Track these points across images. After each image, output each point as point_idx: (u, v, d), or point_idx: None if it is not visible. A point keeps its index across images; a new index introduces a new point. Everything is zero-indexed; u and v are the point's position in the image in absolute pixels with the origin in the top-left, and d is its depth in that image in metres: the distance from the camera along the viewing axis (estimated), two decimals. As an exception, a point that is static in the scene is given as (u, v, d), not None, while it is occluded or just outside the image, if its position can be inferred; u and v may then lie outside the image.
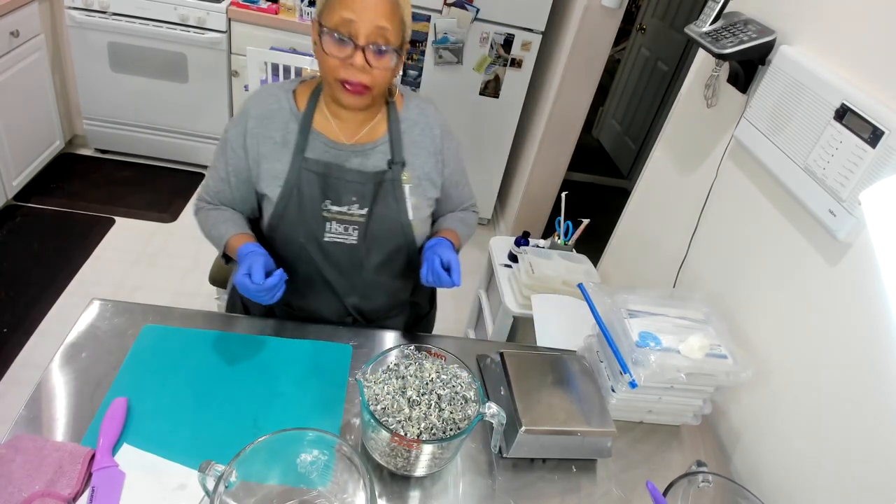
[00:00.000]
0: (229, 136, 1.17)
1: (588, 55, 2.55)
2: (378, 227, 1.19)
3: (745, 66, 1.30)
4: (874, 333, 0.93)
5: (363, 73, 1.03)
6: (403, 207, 1.19)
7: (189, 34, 2.70)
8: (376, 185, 1.16)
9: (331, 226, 1.17)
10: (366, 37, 1.00)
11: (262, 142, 1.15)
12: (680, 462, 1.13)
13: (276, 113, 1.15)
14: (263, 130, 1.15)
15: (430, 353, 1.04)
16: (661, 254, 1.62)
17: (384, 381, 0.98)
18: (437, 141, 1.22)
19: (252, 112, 1.15)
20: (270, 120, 1.15)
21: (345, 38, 1.00)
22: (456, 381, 1.00)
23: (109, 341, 1.10)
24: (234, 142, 1.16)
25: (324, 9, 1.02)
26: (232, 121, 1.18)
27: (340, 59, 1.02)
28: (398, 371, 1.00)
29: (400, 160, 1.18)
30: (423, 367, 1.01)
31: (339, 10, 0.99)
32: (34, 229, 2.57)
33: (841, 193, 0.98)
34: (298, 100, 1.17)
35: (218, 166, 1.20)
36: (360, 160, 1.17)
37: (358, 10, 0.98)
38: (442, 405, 0.96)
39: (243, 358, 1.13)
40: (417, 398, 0.96)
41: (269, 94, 1.17)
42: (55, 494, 0.83)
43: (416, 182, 1.21)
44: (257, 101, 1.16)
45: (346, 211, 1.16)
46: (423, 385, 0.98)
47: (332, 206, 1.16)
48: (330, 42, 1.01)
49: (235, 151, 1.16)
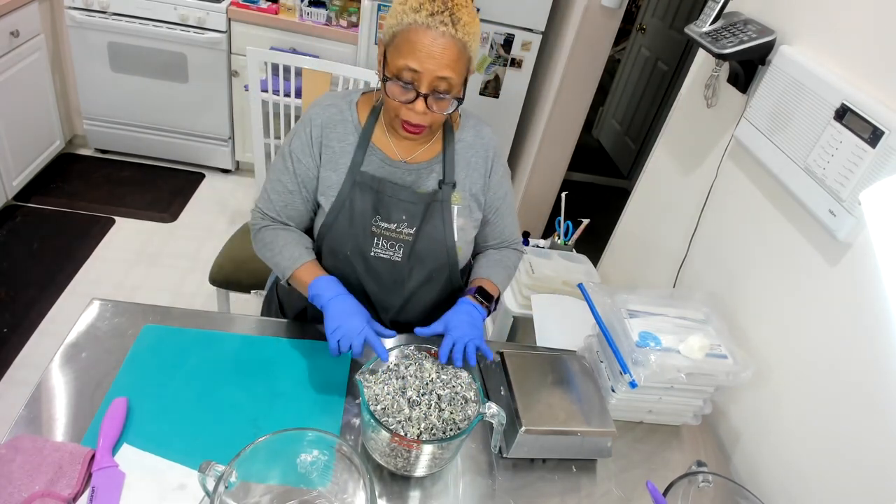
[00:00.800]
0: (293, 148, 1.15)
1: (588, 55, 2.55)
2: (423, 246, 1.18)
3: (745, 66, 1.30)
4: (874, 333, 0.93)
5: (423, 116, 1.03)
6: (450, 229, 1.19)
7: (189, 34, 2.70)
8: (426, 206, 1.16)
9: (378, 241, 1.17)
10: (428, 85, 1.00)
11: (325, 150, 1.15)
12: (680, 462, 1.13)
13: (339, 123, 1.15)
14: (326, 140, 1.14)
15: (430, 354, 1.04)
16: (661, 254, 1.62)
17: (384, 381, 0.98)
18: (488, 163, 1.22)
19: (316, 121, 1.14)
20: (332, 129, 1.14)
21: (408, 85, 1.00)
22: (456, 381, 1.00)
23: (109, 341, 1.10)
24: (301, 152, 1.15)
25: (391, 46, 1.01)
26: (294, 132, 1.17)
27: (402, 101, 1.03)
28: (398, 371, 1.00)
29: (451, 181, 1.18)
30: (423, 368, 1.01)
31: (406, 58, 0.98)
32: (34, 229, 2.57)
33: (841, 193, 0.98)
34: (360, 112, 1.16)
35: (283, 180, 1.17)
36: (414, 179, 1.17)
37: (423, 59, 0.98)
38: (442, 405, 0.96)
39: (243, 358, 1.13)
40: (417, 398, 0.96)
41: (332, 104, 1.16)
42: (55, 495, 0.83)
43: (465, 204, 1.21)
44: (320, 111, 1.15)
45: (394, 228, 1.17)
46: (423, 385, 0.98)
47: (382, 222, 1.16)
48: (393, 86, 1.02)
49: (304, 162, 1.15)
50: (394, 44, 1.00)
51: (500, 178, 1.25)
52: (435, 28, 0.96)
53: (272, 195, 1.19)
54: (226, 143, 3.09)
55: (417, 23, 0.97)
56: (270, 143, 2.11)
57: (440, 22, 0.96)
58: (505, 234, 1.32)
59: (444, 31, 0.97)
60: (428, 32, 0.97)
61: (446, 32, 0.97)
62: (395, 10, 1.00)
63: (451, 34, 0.97)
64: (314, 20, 2.72)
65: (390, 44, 1.01)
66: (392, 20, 1.00)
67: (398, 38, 0.99)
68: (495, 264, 1.28)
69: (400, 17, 0.98)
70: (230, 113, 2.99)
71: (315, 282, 1.09)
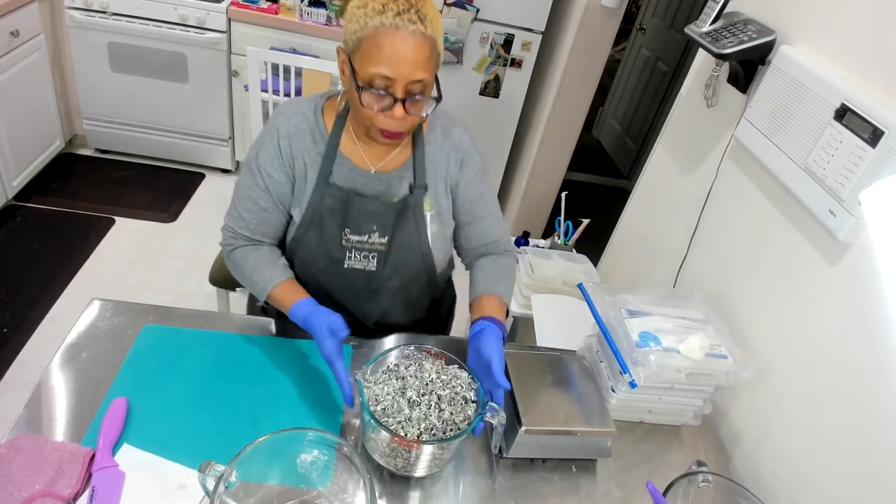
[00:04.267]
0: (262, 162, 1.10)
1: (588, 55, 2.55)
2: (397, 254, 1.16)
3: (745, 66, 1.30)
4: (874, 333, 0.93)
5: (402, 122, 0.99)
6: (424, 235, 1.16)
7: (189, 34, 2.70)
8: (397, 213, 1.13)
9: (350, 254, 1.14)
10: (403, 90, 0.95)
11: (295, 162, 1.10)
12: (680, 462, 1.13)
13: (306, 133, 1.10)
14: (295, 151, 1.10)
15: (430, 354, 1.04)
16: (661, 254, 1.62)
17: (384, 381, 0.98)
18: (458, 164, 1.17)
19: (282, 131, 1.09)
20: (300, 140, 1.10)
21: (382, 92, 0.96)
22: (456, 381, 1.00)
23: (109, 341, 1.10)
24: (271, 166, 1.10)
25: (356, 53, 0.95)
26: (258, 144, 1.11)
27: (378, 110, 0.98)
28: (398, 372, 1.00)
29: (422, 185, 1.14)
30: (422, 368, 1.01)
31: (377, 65, 0.93)
32: (34, 229, 2.57)
33: (841, 193, 0.98)
34: (326, 118, 1.11)
35: (255, 196, 1.11)
36: (385, 188, 1.13)
37: (396, 64, 0.92)
38: (442, 406, 0.96)
39: (243, 358, 1.12)
40: (417, 399, 0.96)
41: (297, 112, 1.11)
42: (55, 494, 0.83)
43: (437, 210, 1.17)
44: (285, 120, 1.10)
45: (365, 240, 1.14)
46: (423, 386, 0.98)
47: (352, 235, 1.13)
48: (367, 96, 0.97)
49: (275, 177, 1.10)
50: (360, 50, 0.94)
51: (472, 177, 1.19)
52: (404, 28, 0.91)
53: (243, 213, 1.13)
54: (226, 143, 3.09)
55: (385, 25, 0.91)
56: (270, 143, 2.11)
57: (408, 21, 0.91)
58: (490, 236, 1.24)
59: (414, 30, 0.92)
60: (397, 34, 0.91)
61: (416, 31, 0.92)
62: (355, 14, 0.94)
63: (421, 32, 0.92)
64: (314, 20, 2.72)
65: (356, 51, 0.95)
66: (353, 25, 0.94)
67: (365, 44, 0.93)
68: (497, 276, 1.21)
69: (363, 21, 0.92)
70: (230, 113, 2.99)
71: (292, 309, 1.06)
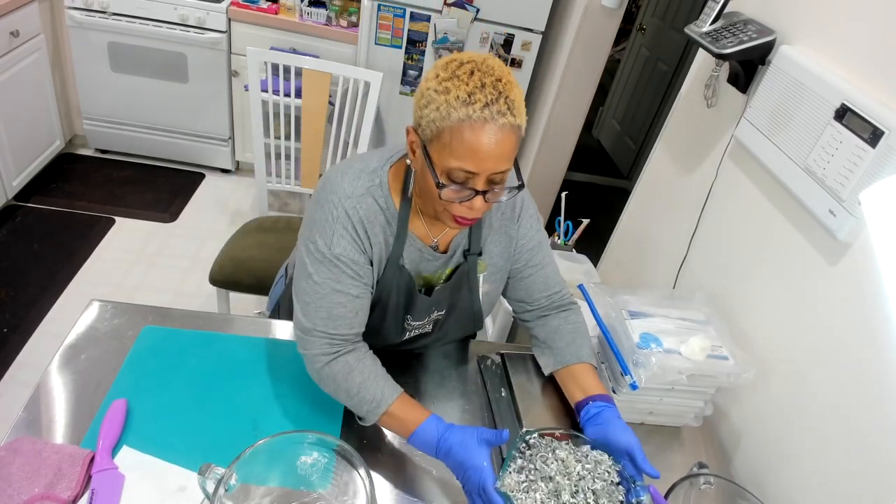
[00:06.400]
0: (339, 252, 0.95)
1: (588, 55, 2.55)
2: (452, 321, 1.15)
3: (745, 66, 1.29)
4: (874, 334, 0.93)
5: (479, 211, 0.91)
6: (476, 297, 1.12)
7: (189, 34, 2.70)
8: (453, 288, 1.09)
9: (409, 333, 1.13)
10: (485, 182, 0.87)
11: (373, 246, 0.99)
12: (681, 464, 1.13)
13: (377, 214, 0.98)
14: (370, 234, 0.98)
15: (556, 437, 0.92)
16: (661, 254, 1.62)
17: (531, 487, 0.86)
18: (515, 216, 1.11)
19: (354, 217, 0.96)
20: (373, 224, 0.98)
21: (461, 185, 0.87)
22: (600, 467, 0.90)
23: (109, 342, 1.10)
24: (353, 252, 0.96)
25: (435, 142, 0.86)
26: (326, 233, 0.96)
27: (458, 201, 0.89)
28: (538, 469, 0.88)
29: (477, 251, 1.07)
30: (557, 457, 0.90)
31: (461, 159, 0.84)
32: (34, 229, 2.57)
33: (841, 193, 0.98)
34: (393, 195, 1.00)
35: (342, 288, 0.97)
36: (444, 263, 1.08)
37: (482, 160, 0.84)
38: (600, 501, 0.86)
39: (243, 359, 1.12)
40: (573, 499, 0.85)
41: (366, 194, 0.98)
42: (54, 497, 0.83)
43: (492, 270, 1.12)
44: (355, 203, 0.96)
45: (425, 323, 1.12)
46: (574, 483, 0.87)
47: (414, 321, 1.10)
48: (448, 192, 0.88)
49: (360, 262, 0.98)
50: (440, 141, 0.85)
51: (529, 227, 1.12)
52: (493, 121, 0.82)
53: (336, 310, 0.97)
54: (226, 143, 3.09)
55: (472, 118, 0.81)
56: (270, 143, 2.11)
57: (497, 112, 0.82)
58: (553, 286, 1.17)
59: (504, 123, 0.82)
60: (486, 127, 0.82)
61: (505, 124, 0.83)
62: (434, 99, 0.84)
63: (511, 123, 0.83)
64: (314, 20, 2.71)
65: (433, 140, 0.86)
66: (433, 113, 0.84)
67: (446, 136, 0.83)
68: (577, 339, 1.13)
69: (446, 112, 0.82)
70: (230, 113, 2.99)
71: (414, 436, 0.93)
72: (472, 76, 0.83)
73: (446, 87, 0.83)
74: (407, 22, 2.56)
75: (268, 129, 2.05)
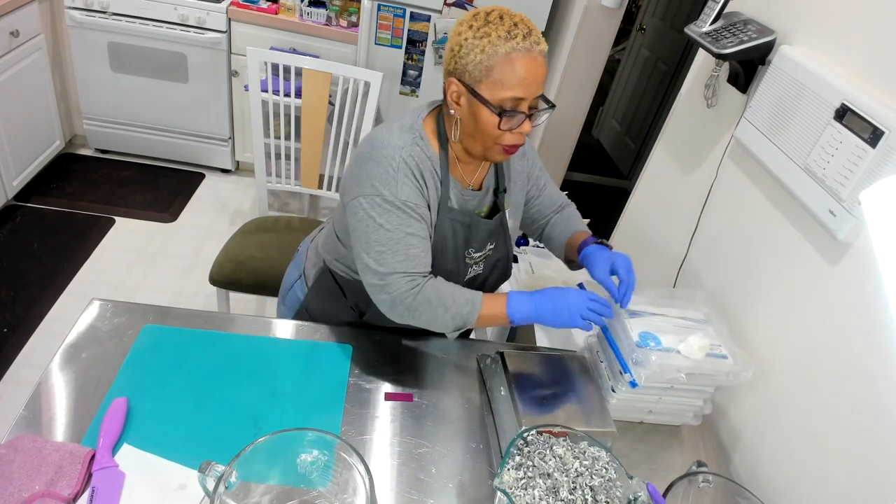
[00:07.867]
0: (406, 198, 1.04)
1: (588, 55, 2.55)
2: (496, 256, 1.24)
3: (745, 66, 1.30)
4: (874, 333, 0.93)
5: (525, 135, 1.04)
6: (508, 232, 1.22)
7: (189, 34, 2.70)
8: (497, 219, 1.19)
9: (470, 269, 1.20)
10: (530, 106, 1.01)
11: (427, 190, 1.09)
12: (680, 462, 1.13)
13: (425, 161, 1.08)
14: (425, 179, 1.08)
15: (554, 434, 0.94)
16: (661, 254, 1.62)
17: (529, 484, 0.88)
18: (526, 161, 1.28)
19: (410, 163, 1.05)
20: (423, 169, 1.08)
21: (517, 112, 0.99)
22: (598, 463, 0.92)
23: (109, 341, 1.10)
24: (416, 198, 1.06)
25: (485, 81, 0.97)
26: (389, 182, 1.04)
27: (513, 128, 1.01)
28: (536, 466, 0.90)
29: (503, 187, 1.21)
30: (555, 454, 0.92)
31: (512, 88, 0.97)
32: (34, 229, 2.57)
33: (841, 193, 0.98)
34: (431, 143, 1.10)
35: (413, 231, 1.05)
36: (478, 202, 1.18)
37: (527, 85, 0.97)
38: (598, 497, 0.88)
39: (243, 358, 1.13)
40: (571, 496, 0.87)
41: (411, 143, 1.07)
42: (55, 495, 0.83)
43: (514, 207, 1.24)
44: (408, 152, 1.06)
45: (485, 254, 1.21)
46: (572, 480, 0.89)
47: (475, 252, 1.19)
48: (505, 119, 0.99)
49: (422, 205, 1.07)
50: (491, 78, 0.96)
51: (532, 157, 1.31)
52: (532, 49, 0.96)
53: (412, 251, 1.05)
54: (226, 143, 3.09)
55: (517, 49, 0.95)
56: (270, 143, 2.11)
57: (533, 42, 0.96)
58: (556, 201, 1.37)
59: (540, 51, 0.97)
60: (528, 56, 0.95)
61: (541, 51, 0.97)
62: (479, 45, 0.95)
63: (543, 50, 0.98)
64: (314, 20, 2.72)
65: (483, 79, 0.97)
66: (479, 55, 0.96)
67: (496, 71, 0.96)
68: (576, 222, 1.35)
69: (492, 50, 0.95)
70: (230, 113, 2.99)
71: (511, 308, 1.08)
72: (503, 20, 0.97)
73: (485, 31, 0.96)
74: (407, 22, 2.56)
75: (268, 129, 2.05)
